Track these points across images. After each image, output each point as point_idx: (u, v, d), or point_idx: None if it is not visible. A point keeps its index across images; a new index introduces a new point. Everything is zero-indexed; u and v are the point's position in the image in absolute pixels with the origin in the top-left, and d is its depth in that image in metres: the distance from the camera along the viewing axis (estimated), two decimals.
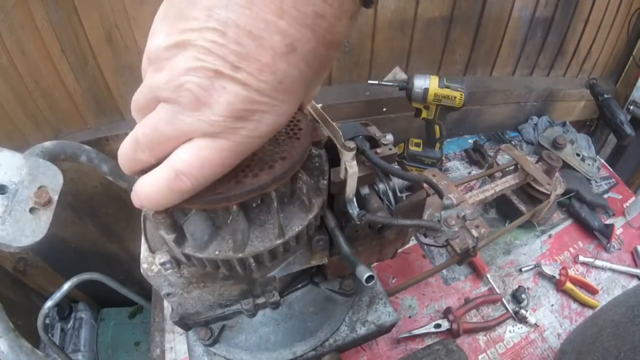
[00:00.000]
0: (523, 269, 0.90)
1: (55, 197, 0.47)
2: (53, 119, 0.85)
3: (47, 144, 0.56)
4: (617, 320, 0.53)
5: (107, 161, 0.65)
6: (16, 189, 0.44)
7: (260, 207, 0.39)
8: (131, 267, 1.16)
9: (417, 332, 0.75)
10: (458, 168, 1.18)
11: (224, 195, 0.33)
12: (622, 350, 0.47)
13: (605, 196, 1.11)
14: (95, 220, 1.03)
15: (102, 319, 1.17)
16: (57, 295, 0.87)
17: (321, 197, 0.41)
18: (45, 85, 0.79)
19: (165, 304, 0.77)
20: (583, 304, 0.85)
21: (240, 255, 0.37)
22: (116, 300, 1.15)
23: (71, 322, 1.11)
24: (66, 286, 0.88)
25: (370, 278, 0.40)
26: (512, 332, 0.79)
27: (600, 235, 0.97)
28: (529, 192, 0.90)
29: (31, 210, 0.45)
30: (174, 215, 0.36)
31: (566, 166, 1.08)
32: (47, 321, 1.07)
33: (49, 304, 0.86)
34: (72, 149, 0.60)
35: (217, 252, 0.37)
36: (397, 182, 0.51)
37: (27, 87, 0.78)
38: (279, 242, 0.37)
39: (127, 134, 0.86)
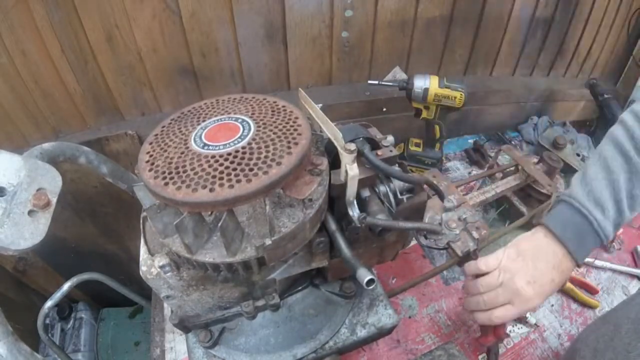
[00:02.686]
0: None
1: (54, 200, 0.47)
2: (53, 119, 0.85)
3: (46, 145, 0.56)
4: (634, 317, 0.54)
5: (106, 162, 0.65)
6: (15, 191, 0.44)
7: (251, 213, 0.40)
8: (131, 267, 1.16)
9: None
10: (458, 168, 1.17)
11: (213, 201, 0.33)
12: None
13: None
14: (95, 220, 1.03)
15: (102, 319, 1.16)
16: (57, 295, 0.87)
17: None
18: (45, 85, 0.79)
19: (165, 304, 0.77)
20: (583, 304, 0.85)
21: (229, 260, 0.37)
22: (116, 300, 1.15)
23: (71, 322, 1.11)
24: (66, 286, 0.88)
25: (370, 281, 0.40)
26: (512, 332, 0.79)
27: None
28: (529, 193, 0.90)
29: (30, 212, 0.45)
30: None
31: (566, 166, 1.07)
32: (47, 321, 1.07)
33: (49, 304, 0.86)
34: (71, 151, 0.59)
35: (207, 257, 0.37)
36: (397, 184, 0.50)
37: (27, 87, 0.78)
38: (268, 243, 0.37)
39: (127, 134, 0.86)
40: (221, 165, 0.36)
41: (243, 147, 0.38)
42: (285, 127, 0.40)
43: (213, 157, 0.37)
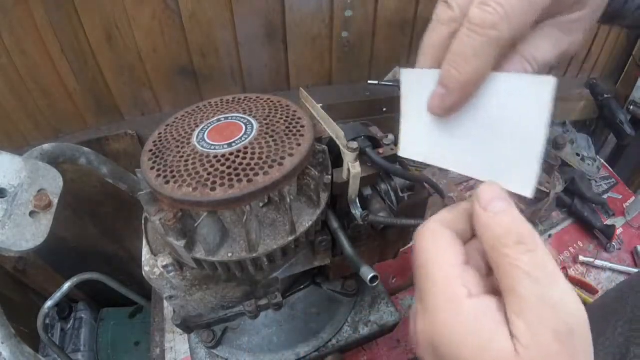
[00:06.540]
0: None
1: (56, 201, 0.47)
2: (53, 119, 0.84)
3: (47, 146, 0.56)
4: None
5: (106, 163, 0.65)
6: (16, 193, 0.44)
7: (268, 206, 0.39)
8: (131, 267, 1.16)
9: None
10: None
11: (238, 195, 0.33)
12: None
13: (605, 196, 1.11)
14: (95, 220, 1.03)
15: (102, 319, 1.16)
16: (57, 295, 0.87)
17: (327, 192, 0.41)
18: (45, 85, 0.79)
19: (166, 304, 0.77)
20: (583, 304, 0.85)
21: (254, 255, 0.37)
22: (116, 300, 1.14)
23: (71, 322, 1.10)
24: (66, 286, 0.88)
25: (374, 278, 0.40)
26: None
27: (601, 235, 0.97)
28: None
29: (31, 214, 0.44)
30: (183, 221, 0.36)
31: (566, 166, 1.08)
32: (47, 321, 1.06)
33: (49, 304, 0.86)
34: (71, 151, 0.59)
35: (230, 255, 0.37)
36: (399, 182, 0.51)
37: (27, 87, 0.78)
38: (291, 238, 0.38)
39: (127, 134, 0.85)
40: (222, 165, 0.36)
41: (245, 147, 0.38)
42: (289, 127, 0.41)
43: (215, 156, 0.37)
